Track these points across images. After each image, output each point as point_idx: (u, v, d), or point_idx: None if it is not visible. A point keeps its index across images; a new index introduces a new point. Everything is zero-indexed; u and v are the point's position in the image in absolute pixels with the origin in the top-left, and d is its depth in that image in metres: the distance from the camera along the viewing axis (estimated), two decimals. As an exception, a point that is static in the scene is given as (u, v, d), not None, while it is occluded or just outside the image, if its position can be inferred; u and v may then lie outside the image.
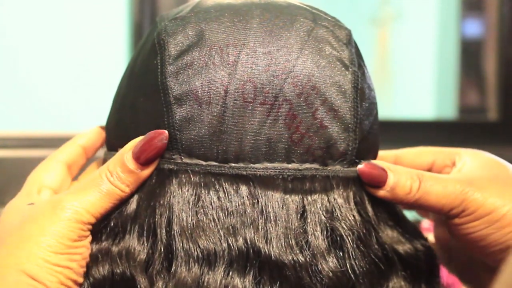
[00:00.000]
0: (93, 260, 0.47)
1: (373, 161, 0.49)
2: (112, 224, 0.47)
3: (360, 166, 0.48)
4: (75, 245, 0.46)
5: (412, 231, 0.52)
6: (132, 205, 0.47)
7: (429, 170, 0.56)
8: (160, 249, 0.45)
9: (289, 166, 0.46)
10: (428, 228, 0.89)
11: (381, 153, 0.55)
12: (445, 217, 0.50)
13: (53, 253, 0.45)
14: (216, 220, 0.45)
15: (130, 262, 0.45)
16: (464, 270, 0.58)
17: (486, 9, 1.98)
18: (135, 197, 0.47)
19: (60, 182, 0.52)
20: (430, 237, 0.62)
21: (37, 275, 0.44)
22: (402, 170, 0.50)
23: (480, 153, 0.54)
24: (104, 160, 0.52)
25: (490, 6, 1.95)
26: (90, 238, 0.47)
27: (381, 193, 0.49)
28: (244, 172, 0.46)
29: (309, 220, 0.46)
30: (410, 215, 0.56)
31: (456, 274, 0.59)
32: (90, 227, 0.46)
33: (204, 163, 0.46)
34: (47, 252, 0.44)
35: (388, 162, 0.53)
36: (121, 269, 0.46)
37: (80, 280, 0.46)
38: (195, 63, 0.46)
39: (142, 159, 0.46)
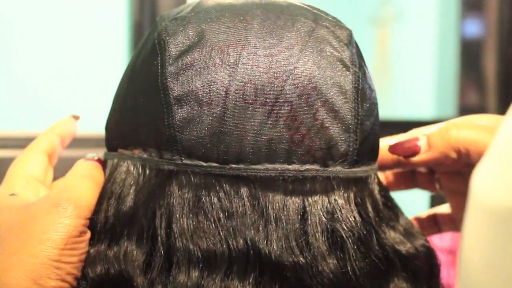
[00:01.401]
0: (90, 261, 0.47)
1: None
2: (109, 225, 0.47)
3: (390, 145, 0.52)
4: (77, 240, 0.46)
5: (412, 232, 0.52)
6: (129, 205, 0.47)
7: None
8: (160, 251, 0.45)
9: (290, 167, 0.46)
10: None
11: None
12: None
13: (57, 249, 0.45)
14: (217, 221, 0.45)
15: (128, 264, 0.45)
16: None
17: (486, 9, 1.98)
18: (132, 197, 0.47)
19: (43, 172, 0.53)
20: (442, 208, 0.61)
21: (40, 276, 0.45)
22: (432, 130, 0.52)
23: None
24: (104, 161, 0.52)
25: (490, 6, 1.95)
26: (89, 233, 0.48)
27: (423, 156, 0.51)
28: (245, 173, 0.46)
29: (309, 221, 0.46)
30: (410, 215, 0.56)
31: None
32: (88, 221, 0.48)
33: (204, 164, 0.46)
34: (51, 249, 0.45)
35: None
36: (118, 271, 0.46)
37: (78, 274, 0.47)
38: (196, 63, 0.46)
39: None
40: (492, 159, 0.29)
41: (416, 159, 0.52)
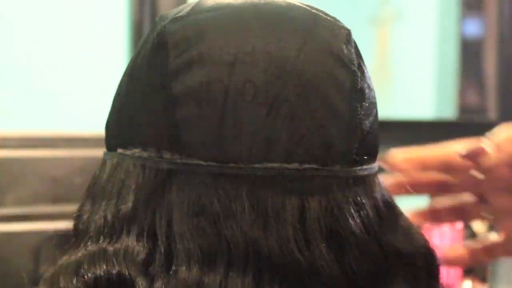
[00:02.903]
0: (90, 260, 0.47)
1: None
2: (108, 224, 0.47)
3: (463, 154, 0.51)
4: None
5: (412, 232, 0.52)
6: (129, 204, 0.47)
7: None
8: (160, 250, 0.45)
9: (289, 166, 0.46)
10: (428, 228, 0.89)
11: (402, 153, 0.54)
12: None
13: None
14: (216, 220, 0.45)
15: (129, 262, 0.45)
16: None
17: (486, 9, 1.98)
18: (132, 196, 0.47)
19: None
20: (493, 236, 0.58)
21: None
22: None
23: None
24: (104, 161, 0.52)
25: (490, 6, 1.95)
26: None
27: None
28: (244, 173, 0.46)
29: (308, 221, 0.46)
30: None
31: None
32: None
33: (204, 163, 0.46)
34: None
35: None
36: (118, 269, 0.46)
37: None
38: (195, 63, 0.46)
39: None
40: None
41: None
